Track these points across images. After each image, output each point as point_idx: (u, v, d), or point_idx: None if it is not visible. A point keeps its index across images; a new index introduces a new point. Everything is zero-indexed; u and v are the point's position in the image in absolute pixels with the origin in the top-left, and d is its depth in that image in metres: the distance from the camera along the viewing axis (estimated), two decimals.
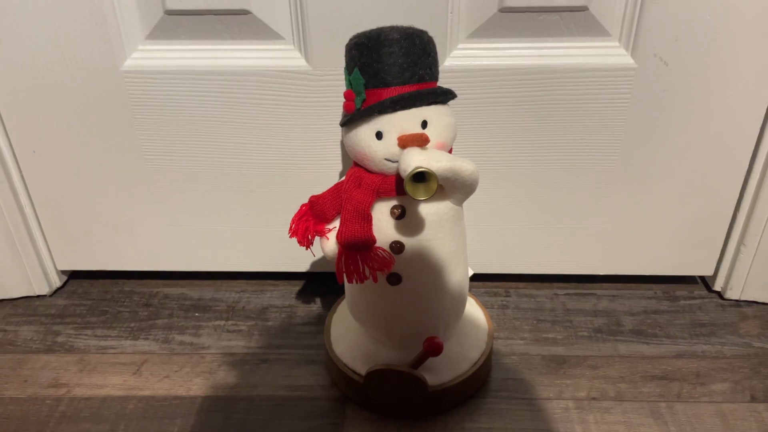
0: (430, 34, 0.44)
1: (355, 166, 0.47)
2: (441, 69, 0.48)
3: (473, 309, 0.59)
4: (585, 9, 0.53)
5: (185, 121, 0.58)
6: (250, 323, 0.64)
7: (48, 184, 0.63)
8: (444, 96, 0.44)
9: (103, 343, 0.62)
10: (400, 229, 0.45)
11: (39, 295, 0.69)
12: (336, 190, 0.47)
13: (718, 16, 0.51)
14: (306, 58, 0.55)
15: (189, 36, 0.56)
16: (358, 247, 0.44)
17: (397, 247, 0.46)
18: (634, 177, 0.60)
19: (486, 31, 0.54)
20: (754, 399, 0.54)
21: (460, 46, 0.55)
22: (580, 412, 0.53)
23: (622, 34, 0.54)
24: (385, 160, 0.44)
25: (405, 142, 0.42)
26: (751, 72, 0.54)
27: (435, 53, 0.45)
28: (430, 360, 0.49)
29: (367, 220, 0.44)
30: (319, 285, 0.70)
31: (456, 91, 0.45)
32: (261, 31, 0.55)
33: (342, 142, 0.59)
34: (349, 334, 0.56)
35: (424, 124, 0.43)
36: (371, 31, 0.43)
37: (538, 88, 0.56)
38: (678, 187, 0.61)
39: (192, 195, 0.63)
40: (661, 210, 0.62)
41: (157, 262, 0.68)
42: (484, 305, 0.62)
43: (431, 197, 0.40)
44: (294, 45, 0.55)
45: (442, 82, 0.46)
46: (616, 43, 0.55)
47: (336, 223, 0.47)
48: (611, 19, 0.54)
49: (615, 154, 0.59)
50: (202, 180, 0.62)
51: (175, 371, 0.58)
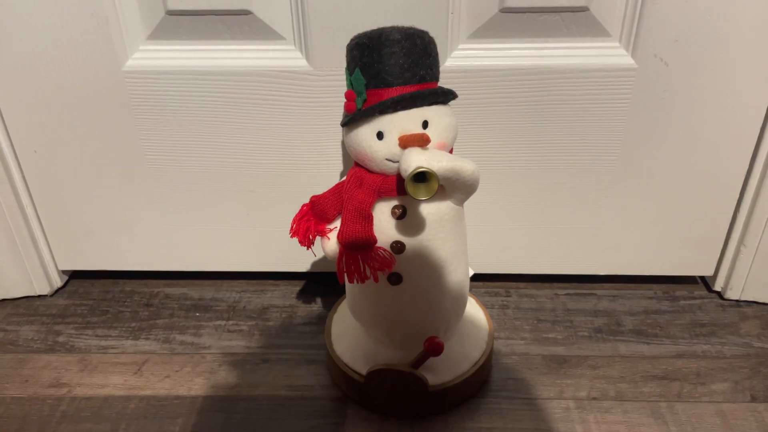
0: (431, 34, 0.44)
1: (356, 166, 0.47)
2: (442, 69, 0.48)
3: (474, 309, 0.59)
4: (585, 9, 0.53)
5: (186, 121, 0.59)
6: (250, 323, 0.64)
7: (49, 184, 0.63)
8: (445, 96, 0.44)
9: (104, 342, 0.62)
10: (400, 229, 0.45)
11: (40, 295, 0.69)
12: (337, 190, 0.47)
13: (718, 16, 0.52)
14: (307, 59, 0.55)
15: (190, 36, 0.56)
16: (359, 246, 0.44)
17: (397, 247, 0.46)
18: (635, 177, 0.60)
19: (486, 31, 0.54)
20: (754, 399, 0.54)
21: (461, 46, 0.55)
22: (580, 412, 0.53)
23: (623, 34, 0.54)
24: (386, 160, 0.44)
25: (406, 142, 0.42)
26: (751, 72, 0.54)
27: (436, 53, 0.45)
28: (431, 360, 0.49)
29: (368, 220, 0.44)
30: (320, 285, 0.70)
31: (457, 92, 0.45)
32: (262, 31, 0.55)
33: (343, 142, 0.59)
34: (349, 334, 0.56)
35: (425, 125, 0.43)
36: (372, 31, 0.43)
37: (538, 89, 0.56)
38: (678, 187, 0.61)
39: (193, 195, 0.63)
40: (661, 210, 0.62)
41: (158, 262, 0.69)
42: (485, 305, 0.62)
43: (432, 197, 0.40)
44: (295, 45, 0.55)
45: (443, 82, 0.46)
46: (617, 44, 0.55)
47: (337, 223, 0.47)
48: (612, 19, 0.54)
49: (615, 154, 0.59)
50: (203, 180, 0.62)
51: (176, 371, 0.58)
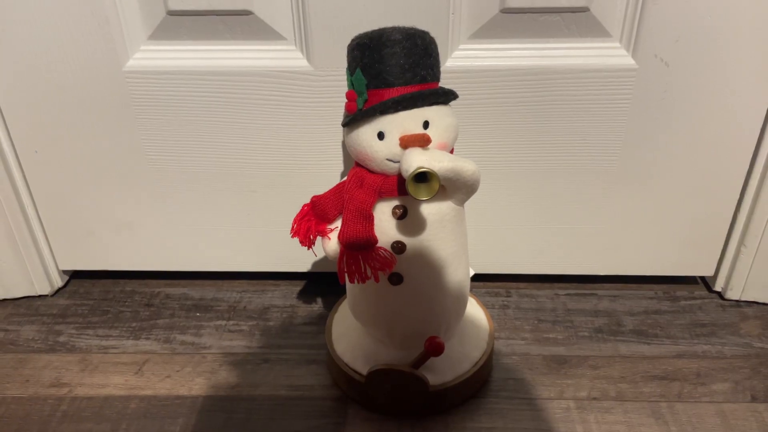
0: (432, 34, 0.44)
1: (356, 167, 0.47)
2: (442, 69, 0.48)
3: (474, 309, 0.59)
4: (586, 10, 0.53)
5: (187, 121, 0.59)
6: (251, 323, 0.64)
7: (50, 184, 0.63)
8: (446, 96, 0.44)
9: (104, 342, 0.62)
10: (401, 229, 0.46)
11: (41, 295, 0.69)
12: (338, 190, 0.47)
13: (719, 16, 0.52)
14: (308, 59, 0.55)
15: (191, 36, 0.56)
16: (359, 247, 0.44)
17: (398, 247, 0.46)
18: (635, 177, 0.60)
19: (487, 31, 0.54)
20: (754, 399, 0.54)
21: (462, 46, 0.55)
22: (580, 412, 0.53)
23: (623, 34, 0.54)
24: (387, 160, 0.44)
25: (407, 143, 0.42)
26: (751, 73, 0.54)
27: (437, 54, 0.45)
28: (431, 360, 0.49)
29: (368, 220, 0.44)
30: (321, 285, 0.70)
31: (457, 92, 0.45)
32: (263, 31, 0.55)
33: (343, 143, 0.59)
34: (350, 334, 0.56)
35: (426, 125, 0.43)
36: (373, 31, 0.43)
37: (539, 89, 0.56)
38: (679, 187, 0.61)
39: (193, 195, 0.63)
40: (661, 210, 0.62)
41: (159, 262, 0.69)
42: (485, 305, 0.62)
43: (433, 197, 0.40)
44: (296, 45, 0.55)
45: (444, 82, 0.46)
46: (617, 44, 0.55)
47: (338, 223, 0.47)
48: (612, 19, 0.54)
49: (616, 155, 0.59)
50: (203, 180, 0.62)
51: (177, 371, 0.58)
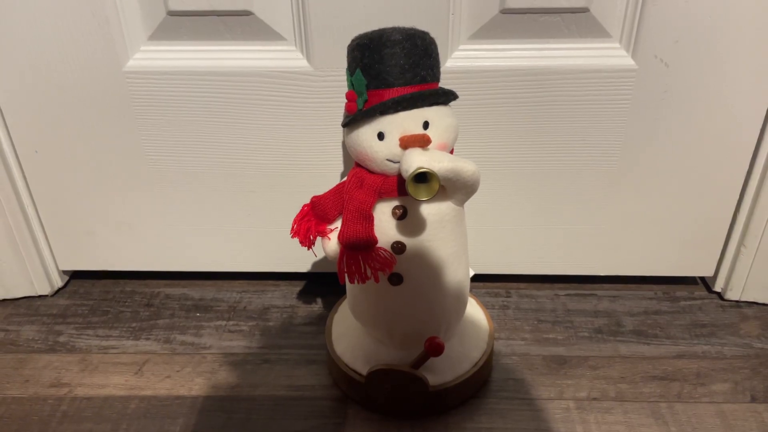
0: (432, 35, 0.44)
1: (356, 167, 0.47)
2: (442, 70, 0.48)
3: (474, 309, 0.59)
4: (586, 10, 0.53)
5: (187, 121, 0.59)
6: (251, 323, 0.65)
7: (50, 184, 0.63)
8: (445, 97, 0.44)
9: (104, 343, 0.62)
10: (401, 229, 0.46)
11: (41, 295, 0.69)
12: (338, 190, 0.47)
13: (719, 17, 0.52)
14: (307, 59, 0.55)
15: (191, 37, 0.56)
16: (359, 247, 0.44)
17: (398, 247, 0.46)
18: (635, 178, 0.60)
19: (487, 32, 0.54)
20: (754, 399, 0.54)
21: (462, 47, 0.55)
22: (580, 413, 0.53)
23: (623, 35, 0.54)
24: (387, 160, 0.44)
25: (407, 143, 0.42)
26: (751, 73, 0.54)
27: (436, 54, 0.45)
28: (431, 360, 0.49)
29: (368, 220, 0.45)
30: (321, 285, 0.70)
31: (457, 92, 0.45)
32: (263, 31, 0.55)
33: (343, 143, 0.59)
34: (350, 334, 0.56)
35: (426, 125, 0.43)
36: (373, 32, 0.43)
37: (539, 89, 0.56)
38: (678, 188, 0.61)
39: (193, 195, 0.63)
40: (661, 211, 0.63)
41: (159, 262, 0.69)
42: (485, 306, 0.62)
43: (433, 198, 0.40)
44: (296, 46, 0.56)
45: (444, 83, 0.46)
46: (617, 45, 0.55)
47: (337, 224, 0.47)
48: (612, 20, 0.54)
49: (615, 155, 0.59)
50: (203, 180, 0.62)
51: (177, 371, 0.58)
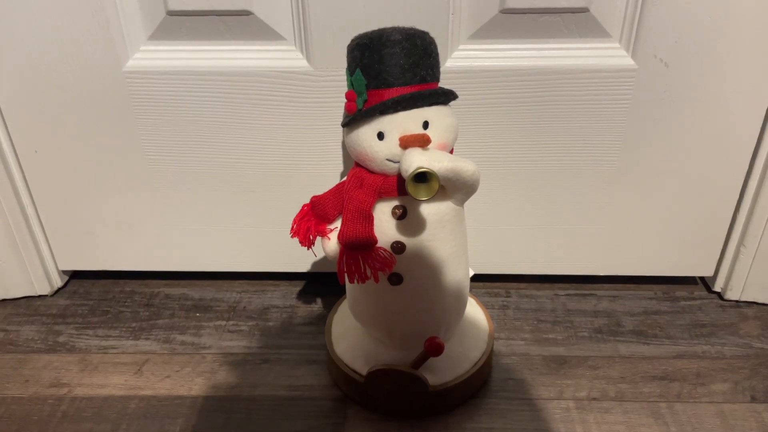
0: (432, 35, 0.44)
1: (356, 167, 0.47)
2: (442, 70, 0.48)
3: (474, 309, 0.59)
4: (586, 10, 0.53)
5: (187, 121, 0.59)
6: (251, 323, 0.65)
7: (50, 184, 0.63)
8: (445, 97, 0.44)
9: (104, 343, 0.62)
10: (401, 229, 0.46)
11: (40, 295, 0.69)
12: (337, 190, 0.47)
13: (719, 17, 0.52)
14: (307, 59, 0.55)
15: (191, 36, 0.56)
16: (359, 247, 0.44)
17: (398, 247, 0.46)
18: (635, 177, 0.60)
19: (487, 32, 0.54)
20: (754, 399, 0.54)
21: (461, 47, 0.55)
22: (580, 413, 0.53)
23: (623, 35, 0.54)
24: (387, 160, 0.44)
25: (406, 143, 0.42)
26: (751, 73, 0.54)
27: (436, 54, 0.45)
28: (431, 360, 0.49)
29: (368, 220, 0.45)
30: (320, 285, 0.70)
31: (457, 92, 0.45)
32: (262, 31, 0.55)
33: (343, 143, 0.59)
34: (350, 334, 0.56)
35: (426, 125, 0.43)
36: (373, 32, 0.43)
37: (538, 89, 0.56)
38: (678, 187, 0.61)
39: (193, 195, 0.63)
40: (661, 211, 0.63)
41: (159, 262, 0.69)
42: (485, 306, 0.62)
43: (432, 198, 0.40)
44: (295, 46, 0.56)
45: (443, 82, 0.46)
46: (617, 45, 0.55)
47: (337, 224, 0.47)
48: (612, 20, 0.54)
49: (615, 155, 0.59)
50: (203, 180, 0.62)
51: (177, 371, 0.58)
